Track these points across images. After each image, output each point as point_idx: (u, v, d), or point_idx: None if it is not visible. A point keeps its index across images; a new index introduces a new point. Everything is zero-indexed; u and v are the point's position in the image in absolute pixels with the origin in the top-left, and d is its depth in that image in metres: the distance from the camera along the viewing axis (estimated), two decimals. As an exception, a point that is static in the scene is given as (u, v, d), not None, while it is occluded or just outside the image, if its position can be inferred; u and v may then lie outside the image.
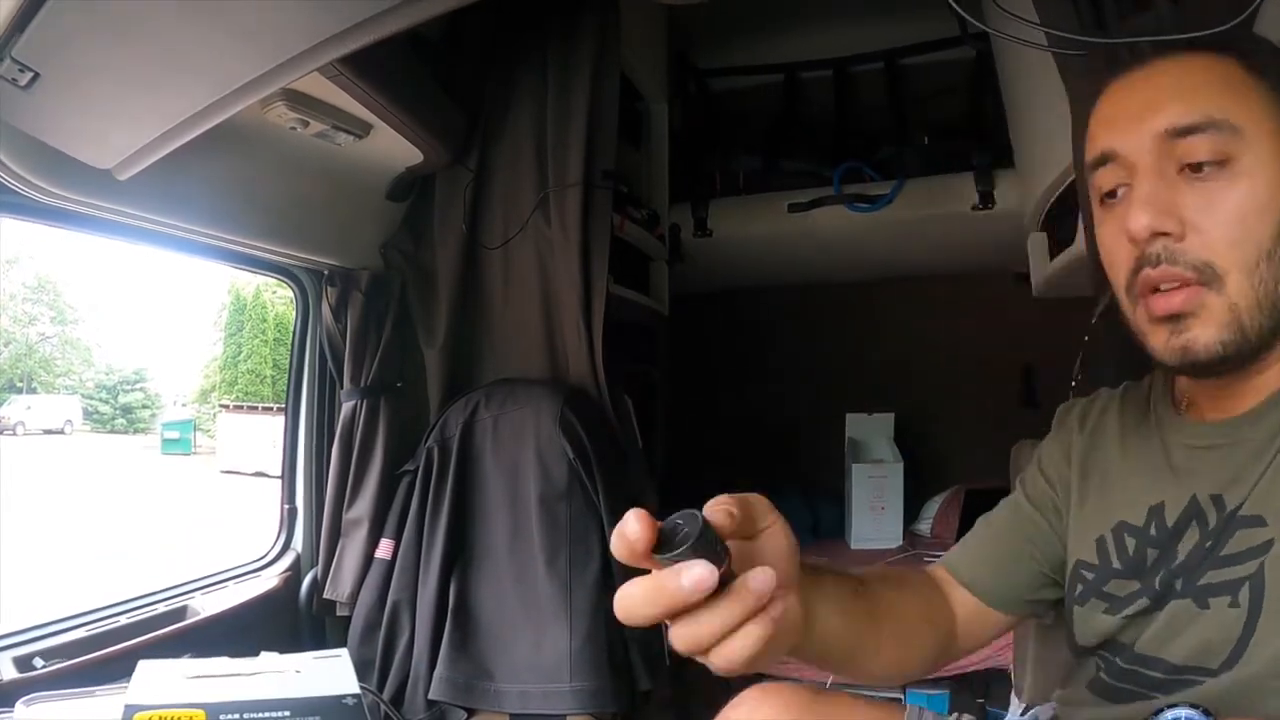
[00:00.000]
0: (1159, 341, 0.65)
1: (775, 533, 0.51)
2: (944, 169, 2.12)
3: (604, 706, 1.44)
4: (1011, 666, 1.45)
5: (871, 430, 2.66)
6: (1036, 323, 2.18)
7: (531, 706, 1.46)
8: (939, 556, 0.91)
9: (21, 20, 0.82)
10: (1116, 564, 0.72)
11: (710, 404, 2.82)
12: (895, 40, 2.42)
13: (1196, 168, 0.62)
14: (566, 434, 1.56)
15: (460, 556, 1.58)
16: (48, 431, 16.54)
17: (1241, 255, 0.61)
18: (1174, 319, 0.63)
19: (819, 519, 2.60)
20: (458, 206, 1.72)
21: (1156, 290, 0.64)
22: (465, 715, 1.48)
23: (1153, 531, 0.69)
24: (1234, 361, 0.64)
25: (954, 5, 1.03)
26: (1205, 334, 0.62)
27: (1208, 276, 0.61)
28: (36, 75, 0.89)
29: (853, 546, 2.44)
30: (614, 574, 1.54)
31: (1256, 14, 0.85)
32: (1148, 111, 0.64)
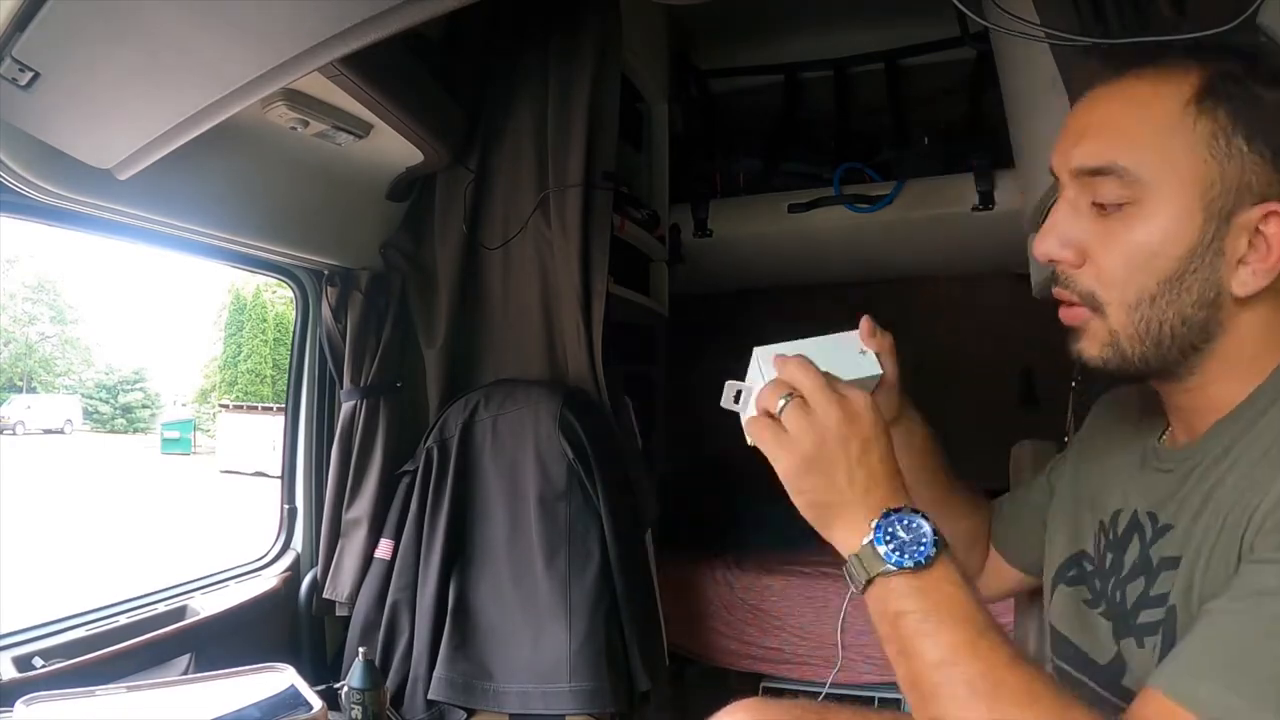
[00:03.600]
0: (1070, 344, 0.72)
1: None
2: (944, 170, 2.12)
3: (603, 707, 1.44)
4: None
5: (871, 431, 2.65)
6: (1036, 323, 2.17)
7: (531, 706, 1.46)
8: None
9: (21, 20, 0.82)
10: (1099, 561, 0.77)
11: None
12: (895, 41, 2.42)
13: (1101, 205, 0.66)
14: (566, 434, 1.56)
15: (459, 557, 1.58)
16: (48, 431, 16.54)
17: (1122, 293, 0.66)
18: (1072, 329, 0.71)
19: (819, 519, 2.59)
20: (458, 206, 1.72)
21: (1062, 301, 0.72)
22: (465, 715, 1.48)
23: (1111, 536, 0.76)
24: (1126, 376, 0.70)
25: (956, 3, 1.03)
26: (1089, 348, 0.69)
27: (1092, 303, 0.68)
28: (37, 75, 0.89)
29: (853, 547, 2.42)
30: (613, 574, 1.54)
31: (1257, 14, 0.85)
32: (1071, 145, 0.68)
